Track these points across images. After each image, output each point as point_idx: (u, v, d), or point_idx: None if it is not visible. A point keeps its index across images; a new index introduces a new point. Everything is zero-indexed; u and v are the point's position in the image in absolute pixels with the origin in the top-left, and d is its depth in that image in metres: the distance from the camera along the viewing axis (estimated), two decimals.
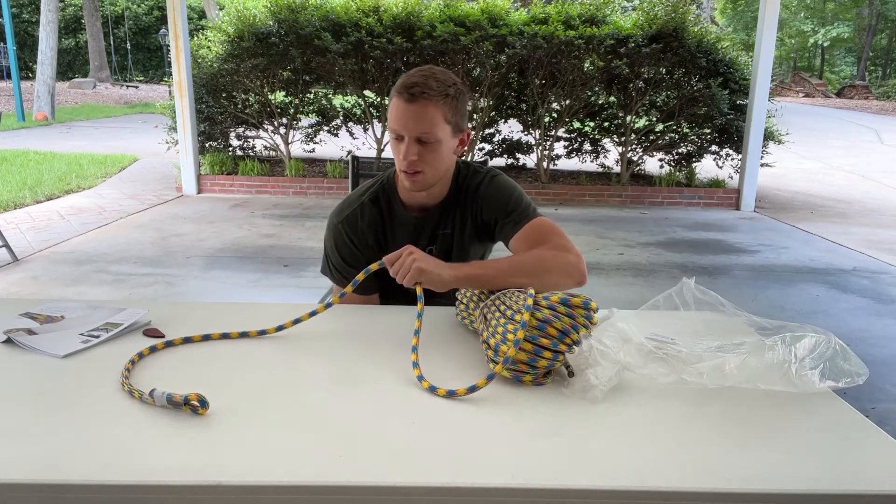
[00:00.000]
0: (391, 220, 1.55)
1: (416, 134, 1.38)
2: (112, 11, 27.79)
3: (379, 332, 1.27)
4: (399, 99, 1.37)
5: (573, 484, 0.79)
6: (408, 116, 1.37)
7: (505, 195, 1.51)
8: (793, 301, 4.09)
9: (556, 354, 1.04)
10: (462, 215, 1.55)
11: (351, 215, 1.53)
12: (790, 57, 35.64)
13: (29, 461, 0.81)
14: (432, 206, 1.54)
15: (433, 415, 0.96)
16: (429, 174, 1.43)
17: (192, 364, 1.12)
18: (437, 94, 1.36)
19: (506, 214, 1.48)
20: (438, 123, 1.38)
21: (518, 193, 1.52)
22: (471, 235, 1.56)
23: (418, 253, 1.26)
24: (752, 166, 6.97)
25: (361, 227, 1.52)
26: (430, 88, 1.36)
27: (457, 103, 1.40)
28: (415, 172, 1.41)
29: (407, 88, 1.36)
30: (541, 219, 1.46)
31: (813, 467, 0.84)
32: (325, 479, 0.79)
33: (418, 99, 1.35)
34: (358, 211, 1.53)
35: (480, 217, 1.53)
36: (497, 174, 1.55)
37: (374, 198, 1.54)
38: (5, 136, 11.81)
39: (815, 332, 1.07)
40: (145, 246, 5.02)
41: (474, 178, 1.54)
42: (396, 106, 1.38)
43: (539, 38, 6.79)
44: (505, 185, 1.53)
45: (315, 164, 8.00)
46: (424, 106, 1.36)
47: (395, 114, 1.39)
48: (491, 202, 1.51)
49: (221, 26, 7.36)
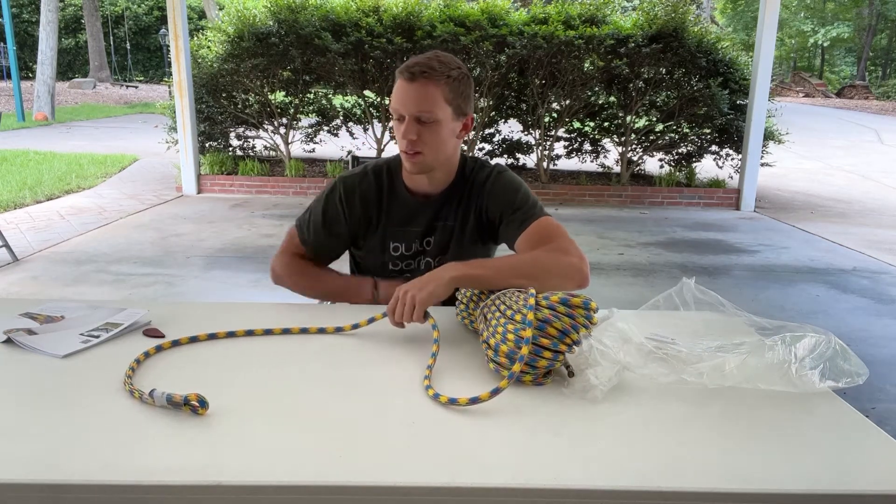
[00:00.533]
0: (390, 196, 1.52)
1: (415, 112, 1.37)
2: (112, 11, 27.79)
3: (379, 333, 1.27)
4: (401, 79, 1.37)
5: (573, 484, 0.79)
6: (408, 95, 1.36)
7: (511, 192, 1.49)
8: (793, 301, 4.09)
9: (556, 354, 1.04)
10: (465, 208, 1.52)
11: (351, 178, 1.53)
12: (790, 57, 35.65)
13: (29, 461, 0.81)
14: (434, 195, 1.52)
15: (433, 415, 0.96)
16: (429, 155, 1.41)
17: (192, 364, 1.12)
18: (439, 73, 1.36)
19: (511, 212, 1.46)
20: (438, 103, 1.37)
21: (524, 191, 1.50)
22: (472, 232, 1.53)
23: (411, 289, 1.22)
24: (752, 166, 6.97)
25: (357, 192, 1.51)
26: (432, 69, 1.35)
27: (459, 85, 1.39)
28: (415, 153, 1.40)
29: (408, 68, 1.36)
30: (546, 218, 1.44)
31: (813, 467, 0.84)
32: (325, 479, 0.79)
33: (418, 78, 1.35)
34: (359, 177, 1.52)
35: (486, 214, 1.51)
36: (504, 170, 1.54)
37: (378, 171, 1.53)
38: (5, 136, 11.81)
39: (815, 332, 1.07)
40: (145, 246, 5.02)
41: (481, 173, 1.52)
42: (398, 86, 1.38)
43: (539, 38, 6.79)
44: (511, 182, 1.51)
45: (315, 164, 8.00)
46: (424, 84, 1.35)
47: (396, 94, 1.38)
48: (497, 199, 1.49)
49: (221, 26, 7.36)
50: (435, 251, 1.55)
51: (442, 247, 1.55)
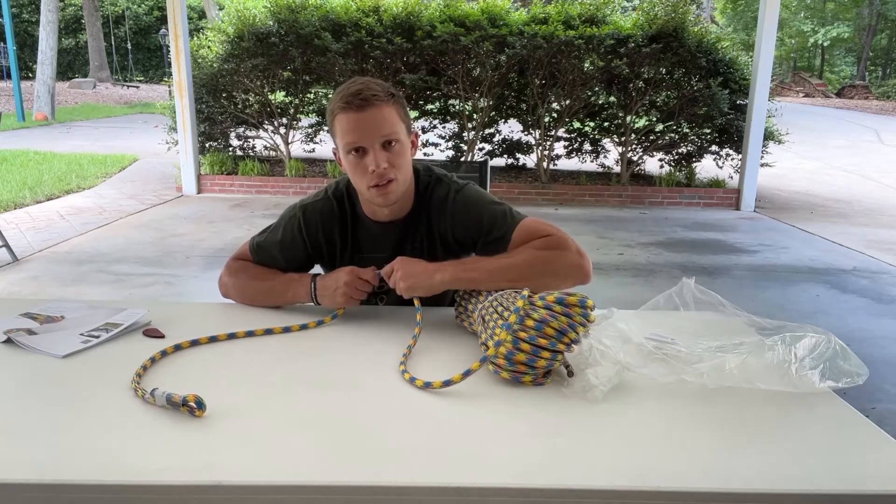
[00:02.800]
0: (354, 224, 1.45)
1: (381, 138, 1.28)
2: (112, 11, 27.80)
3: (378, 332, 1.27)
4: (348, 112, 1.28)
5: (573, 484, 0.79)
6: (366, 123, 1.27)
7: (475, 213, 1.36)
8: (792, 301, 4.09)
9: (554, 354, 1.03)
10: (428, 230, 1.42)
11: (311, 206, 1.45)
12: (790, 57, 35.62)
13: (29, 461, 0.81)
14: (396, 220, 1.43)
15: (433, 415, 0.96)
16: (401, 180, 1.33)
17: (192, 364, 1.12)
18: (384, 94, 1.29)
19: (485, 233, 1.35)
20: (397, 123, 1.31)
21: (489, 206, 1.37)
22: (442, 251, 1.42)
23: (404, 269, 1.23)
24: (752, 166, 6.96)
25: (319, 222, 1.44)
26: (376, 91, 1.28)
27: (402, 102, 1.35)
28: (388, 182, 1.30)
29: (355, 96, 1.27)
30: (525, 222, 1.33)
31: (813, 467, 0.84)
32: (325, 479, 0.79)
33: (371, 103, 1.27)
34: (321, 205, 1.45)
35: (453, 236, 1.40)
36: (461, 187, 1.41)
37: (340, 198, 1.45)
38: (5, 136, 11.82)
39: (815, 333, 1.07)
40: (145, 246, 5.02)
41: (438, 190, 1.41)
42: (347, 119, 1.28)
43: (539, 38, 6.79)
44: (473, 201, 1.38)
45: (315, 164, 8.00)
46: (378, 109, 1.28)
47: (349, 127, 1.28)
48: (462, 222, 1.38)
49: (221, 26, 7.36)
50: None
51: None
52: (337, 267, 1.41)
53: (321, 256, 1.48)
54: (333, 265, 1.46)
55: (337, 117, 1.30)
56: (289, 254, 1.45)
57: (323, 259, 1.49)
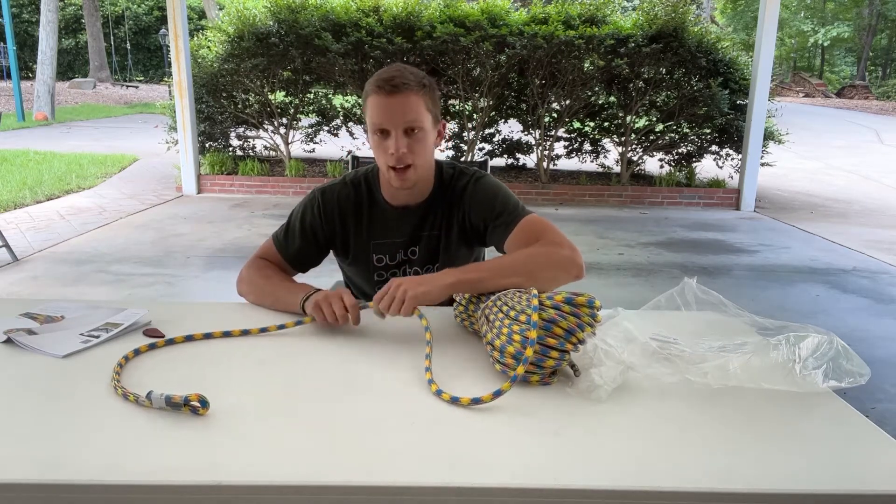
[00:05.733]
0: (370, 208, 1.52)
1: (404, 125, 1.36)
2: (112, 11, 27.78)
3: (379, 332, 1.27)
4: (378, 95, 1.36)
5: (574, 484, 0.79)
6: (393, 108, 1.36)
7: (490, 198, 1.47)
8: (793, 301, 4.09)
9: (562, 354, 1.03)
10: (448, 217, 1.52)
11: (329, 190, 1.53)
12: (790, 57, 35.63)
13: (29, 461, 0.81)
14: (414, 205, 1.52)
15: (433, 415, 0.96)
16: (419, 167, 1.41)
17: (192, 364, 1.12)
18: (416, 84, 1.37)
19: (494, 217, 1.45)
20: (423, 112, 1.38)
21: (504, 194, 1.48)
22: (458, 239, 1.53)
23: (406, 282, 1.22)
24: (752, 166, 6.96)
25: (336, 204, 1.51)
26: (408, 80, 1.36)
27: (432, 93, 1.41)
28: (405, 167, 1.39)
29: (387, 82, 1.35)
30: (530, 217, 1.43)
31: (813, 467, 0.84)
32: (325, 479, 0.79)
33: (400, 90, 1.35)
34: (338, 189, 1.52)
35: (469, 221, 1.50)
36: (481, 176, 1.52)
37: (357, 183, 1.53)
38: (5, 136, 11.81)
39: (817, 333, 1.07)
40: (145, 246, 5.02)
41: (459, 180, 1.51)
42: (377, 102, 1.37)
43: (539, 38, 6.79)
44: (490, 187, 1.50)
45: (315, 164, 8.00)
46: (406, 96, 1.35)
47: (377, 109, 1.37)
48: (478, 206, 1.48)
49: (221, 26, 7.36)
50: (422, 260, 1.55)
51: (430, 256, 1.55)
52: (351, 254, 1.54)
53: (335, 241, 1.54)
54: (347, 252, 1.55)
55: (369, 98, 1.39)
56: (309, 235, 1.52)
57: (336, 245, 1.56)
